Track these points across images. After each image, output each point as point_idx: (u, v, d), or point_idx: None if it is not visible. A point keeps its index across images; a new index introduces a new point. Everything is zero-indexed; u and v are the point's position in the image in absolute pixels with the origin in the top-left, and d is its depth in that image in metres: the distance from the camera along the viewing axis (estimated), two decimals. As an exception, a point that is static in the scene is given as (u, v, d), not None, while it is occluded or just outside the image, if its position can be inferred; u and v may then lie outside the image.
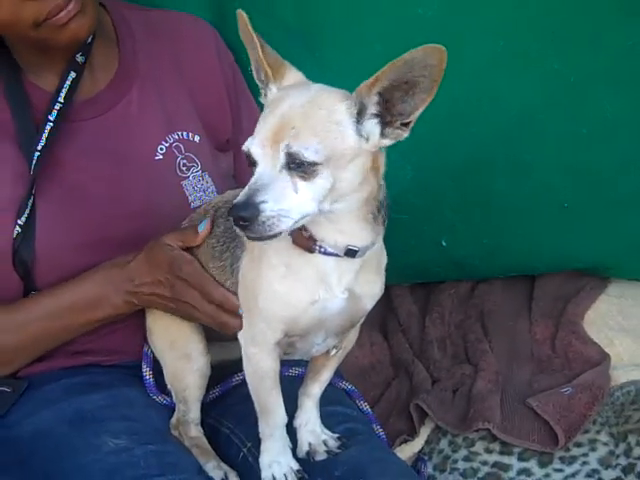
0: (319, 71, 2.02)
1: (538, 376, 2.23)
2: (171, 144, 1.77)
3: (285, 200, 1.25)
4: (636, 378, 2.18)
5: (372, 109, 1.29)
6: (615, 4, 1.94)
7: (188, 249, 1.57)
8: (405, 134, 1.30)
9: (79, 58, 1.67)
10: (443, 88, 2.01)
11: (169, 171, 1.75)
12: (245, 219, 1.23)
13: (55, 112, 1.64)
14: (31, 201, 1.62)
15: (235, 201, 1.25)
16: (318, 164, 1.25)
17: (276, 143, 1.25)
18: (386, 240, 1.47)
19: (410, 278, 2.55)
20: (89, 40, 1.67)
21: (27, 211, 1.62)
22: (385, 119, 1.29)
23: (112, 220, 1.70)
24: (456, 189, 2.22)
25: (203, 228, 1.56)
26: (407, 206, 2.18)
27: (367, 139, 1.30)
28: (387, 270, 1.51)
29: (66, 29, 1.55)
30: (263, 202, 1.23)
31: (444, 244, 2.34)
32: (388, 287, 2.51)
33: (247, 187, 1.26)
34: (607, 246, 2.33)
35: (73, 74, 1.66)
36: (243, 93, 1.94)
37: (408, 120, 1.29)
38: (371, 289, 1.47)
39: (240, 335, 1.51)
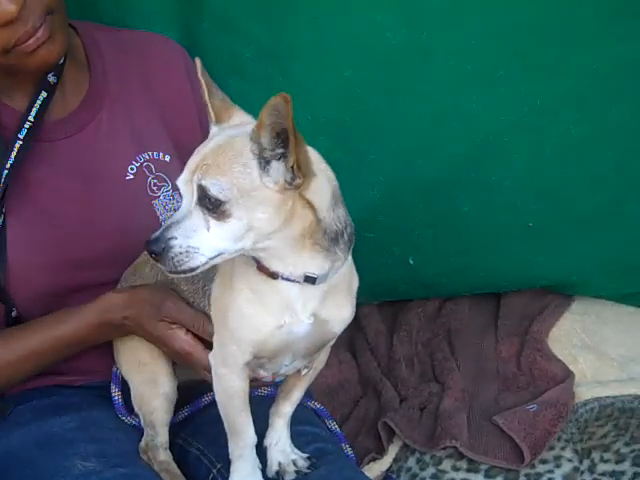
0: (289, 91, 2.07)
1: (504, 393, 2.25)
2: (142, 164, 1.77)
3: (195, 237, 1.27)
4: (599, 395, 2.22)
5: (277, 150, 1.27)
6: (579, 29, 1.99)
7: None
8: (298, 180, 1.28)
9: (51, 78, 1.66)
10: (411, 110, 2.09)
11: (140, 191, 1.75)
12: (156, 253, 1.26)
13: (24, 130, 1.62)
14: (1, 220, 1.61)
15: (151, 236, 1.28)
16: (223, 202, 1.25)
17: (192, 180, 1.28)
18: (354, 258, 1.47)
19: (378, 296, 2.57)
20: (61, 61, 1.67)
21: None
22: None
23: (84, 240, 1.69)
24: (424, 208, 2.25)
25: None
26: (375, 224, 2.20)
27: (275, 182, 1.28)
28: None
29: (35, 55, 1.54)
30: (173, 238, 1.26)
31: (412, 262, 2.36)
32: (356, 306, 2.54)
33: (167, 221, 1.29)
34: (572, 263, 2.37)
35: (44, 94, 1.65)
36: None
37: (291, 164, 1.26)
38: (340, 313, 1.47)
39: (210, 356, 1.52)
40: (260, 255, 1.36)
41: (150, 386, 1.64)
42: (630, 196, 2.25)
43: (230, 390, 1.49)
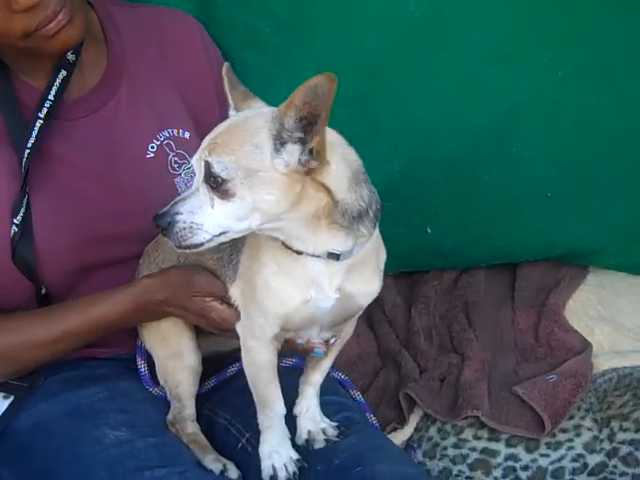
0: (310, 64, 2.06)
1: (522, 364, 2.26)
2: (162, 142, 1.76)
3: (200, 214, 1.29)
4: (617, 365, 2.23)
5: (294, 134, 1.26)
6: (601, 1, 1.98)
7: None
8: (314, 163, 1.28)
9: (70, 56, 1.65)
10: (432, 82, 2.08)
11: (161, 169, 1.75)
12: (162, 227, 1.29)
13: (45, 109, 1.62)
14: (25, 199, 1.61)
15: (160, 210, 1.31)
16: (226, 181, 1.26)
17: (201, 157, 1.30)
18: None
19: (395, 267, 2.56)
20: None
21: (22, 210, 1.60)
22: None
23: (107, 218, 1.69)
24: (443, 179, 2.25)
25: None
26: (394, 195, 2.18)
27: (287, 164, 1.28)
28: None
29: (55, 39, 1.54)
30: (178, 213, 1.29)
31: (429, 232, 2.36)
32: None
33: (177, 198, 1.31)
34: (589, 233, 2.38)
35: (64, 72, 1.64)
36: None
37: (310, 146, 1.26)
38: (367, 287, 1.47)
39: (238, 327, 1.53)
40: (276, 235, 1.36)
41: (174, 359, 1.66)
42: (647, 166, 2.25)
43: (258, 362, 1.51)
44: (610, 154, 2.21)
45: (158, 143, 1.76)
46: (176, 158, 1.77)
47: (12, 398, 1.65)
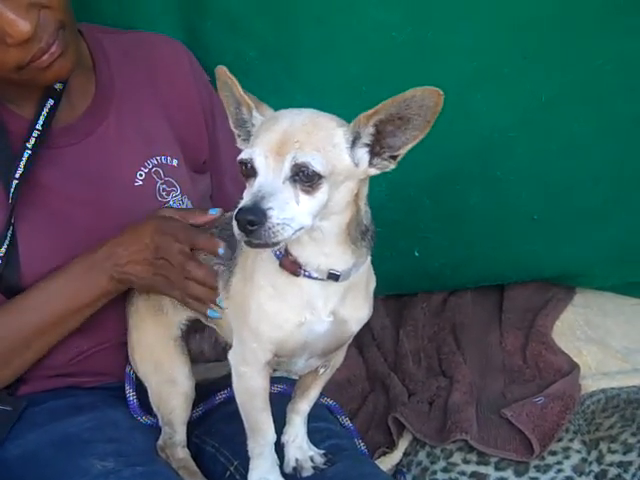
0: (296, 91, 2.08)
1: (511, 386, 2.27)
2: (150, 169, 1.77)
3: (287, 210, 1.27)
4: (605, 386, 2.25)
5: (365, 139, 1.33)
6: (583, 26, 2.01)
7: None
8: (392, 166, 1.35)
9: (57, 85, 1.66)
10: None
11: (149, 196, 1.75)
12: (253, 223, 1.24)
13: (33, 139, 1.62)
14: (11, 230, 1.61)
15: (241, 205, 1.26)
16: (322, 177, 1.28)
17: (280, 155, 1.28)
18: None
19: (384, 289, 2.55)
20: None
21: (7, 241, 1.60)
22: (374, 149, 1.34)
23: (92, 243, 1.67)
24: (430, 203, 2.27)
25: (216, 212, 1.58)
26: (382, 219, 2.19)
27: (357, 165, 1.33)
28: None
29: (49, 71, 1.54)
30: (270, 209, 1.25)
31: (417, 255, 2.38)
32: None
33: (250, 194, 1.27)
34: (575, 255, 2.40)
35: (51, 101, 1.65)
36: (219, 114, 1.93)
37: (397, 154, 1.34)
38: (358, 313, 1.48)
39: (230, 355, 1.52)
40: (304, 240, 1.36)
41: (168, 385, 1.65)
42: (632, 190, 2.27)
43: (251, 389, 1.50)
44: (595, 177, 2.24)
45: (146, 170, 1.77)
46: (164, 186, 1.77)
47: None
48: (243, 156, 1.31)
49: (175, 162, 1.80)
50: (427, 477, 2.04)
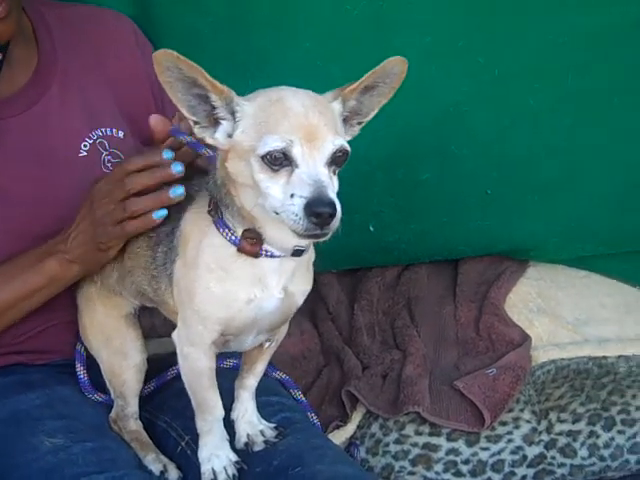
0: (251, 67, 2.06)
1: (464, 358, 2.30)
2: (95, 140, 1.75)
3: (335, 197, 1.26)
4: (555, 357, 2.28)
5: (346, 111, 1.37)
6: (537, 0, 2.01)
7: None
8: (357, 132, 1.41)
9: None
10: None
11: (94, 167, 1.73)
12: (333, 215, 1.23)
13: None
14: None
15: (311, 198, 1.23)
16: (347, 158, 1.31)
17: (311, 141, 1.27)
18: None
19: (339, 264, 2.58)
20: None
21: None
22: (346, 119, 1.38)
23: (38, 217, 1.67)
24: (383, 177, 2.28)
25: (170, 156, 1.49)
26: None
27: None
28: (316, 256, 1.54)
29: None
30: (335, 199, 1.25)
31: (372, 229, 2.39)
32: (316, 275, 2.53)
33: (309, 186, 1.24)
34: (528, 229, 2.43)
35: None
36: None
37: (363, 120, 1.40)
38: (303, 286, 1.50)
39: (174, 335, 1.52)
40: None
41: (119, 358, 1.65)
42: (583, 163, 2.30)
43: (197, 369, 1.50)
44: (548, 151, 2.26)
45: (91, 142, 1.75)
46: (109, 157, 1.75)
47: None
48: (274, 147, 1.26)
49: (121, 134, 1.79)
50: (380, 449, 2.06)
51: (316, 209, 1.22)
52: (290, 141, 1.27)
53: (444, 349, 2.33)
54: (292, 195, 1.25)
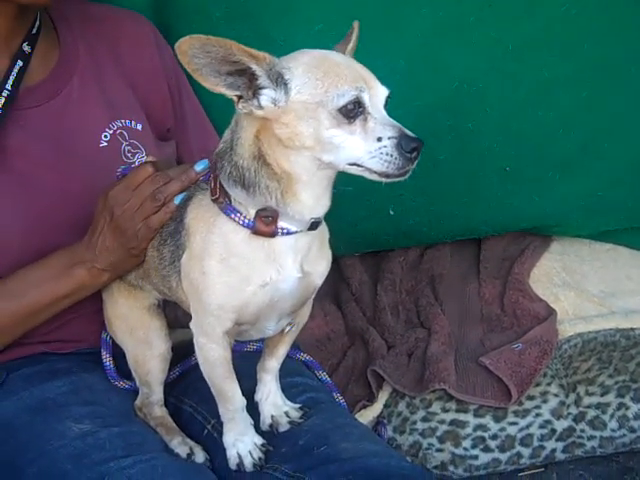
0: (261, 49, 2.06)
1: (489, 335, 2.30)
2: (115, 131, 1.77)
3: None
4: (582, 330, 2.28)
5: None
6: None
7: None
8: None
9: (26, 47, 1.67)
10: (385, 61, 2.07)
11: (115, 157, 1.75)
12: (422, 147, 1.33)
13: (2, 98, 1.63)
14: None
15: (407, 134, 1.33)
16: None
17: (371, 88, 1.34)
18: (335, 212, 1.48)
19: (360, 248, 2.59)
20: (35, 30, 1.69)
21: None
22: None
23: (59, 206, 1.69)
24: (402, 159, 2.26)
25: (202, 167, 1.52)
26: (355, 178, 2.20)
27: None
28: (337, 241, 1.54)
29: None
30: None
31: (392, 213, 2.38)
32: (338, 258, 2.56)
33: (392, 126, 1.33)
34: (549, 205, 2.41)
35: (20, 63, 1.66)
36: (184, 84, 1.97)
37: None
38: (320, 265, 1.49)
39: (191, 324, 1.52)
40: (313, 181, 1.37)
41: (144, 348, 1.66)
42: (602, 136, 2.28)
43: (211, 359, 1.51)
44: (565, 126, 2.24)
45: (111, 132, 1.77)
46: (129, 147, 1.78)
47: None
48: (351, 97, 1.30)
49: (139, 126, 1.81)
50: (407, 427, 2.07)
51: (412, 144, 1.32)
52: (360, 90, 1.31)
53: (469, 326, 2.33)
54: (379, 139, 1.30)
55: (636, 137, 2.30)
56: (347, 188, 2.04)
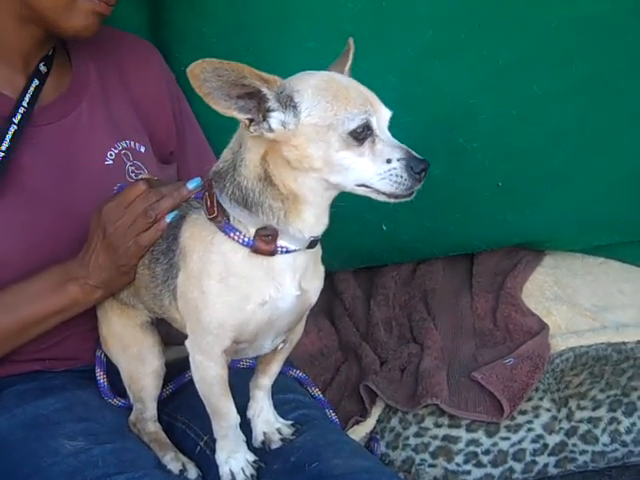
0: (255, 65, 2.08)
1: (481, 349, 2.31)
2: (120, 151, 1.81)
3: None
4: (574, 345, 2.28)
5: None
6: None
7: None
8: None
9: (42, 68, 1.74)
10: (377, 78, 2.09)
11: (119, 176, 1.78)
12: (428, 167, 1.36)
13: (19, 115, 1.67)
14: None
15: (413, 155, 1.37)
16: None
17: (377, 111, 1.38)
18: (328, 228, 1.49)
19: (353, 263, 2.60)
20: (50, 52, 1.75)
21: None
22: None
23: (63, 223, 1.71)
24: (394, 175, 2.28)
25: (195, 185, 1.53)
26: (348, 194, 2.22)
27: None
28: (331, 257, 1.55)
29: (85, 18, 1.66)
30: None
31: (385, 229, 2.40)
32: (332, 273, 2.57)
33: (400, 147, 1.37)
34: (542, 220, 2.42)
35: (36, 82, 1.71)
36: (186, 110, 2.02)
37: None
38: (317, 283, 1.51)
39: (187, 343, 1.53)
40: (317, 201, 1.39)
41: (138, 364, 1.67)
42: (594, 151, 2.29)
43: (208, 377, 1.51)
44: (557, 140, 2.25)
45: (116, 152, 1.81)
46: (133, 168, 1.82)
47: None
48: (361, 120, 1.33)
49: (143, 149, 1.85)
50: (400, 442, 2.07)
51: (421, 165, 1.36)
52: (369, 114, 1.34)
53: (461, 341, 2.34)
54: (389, 160, 1.33)
55: (627, 152, 2.31)
56: (340, 204, 2.06)
